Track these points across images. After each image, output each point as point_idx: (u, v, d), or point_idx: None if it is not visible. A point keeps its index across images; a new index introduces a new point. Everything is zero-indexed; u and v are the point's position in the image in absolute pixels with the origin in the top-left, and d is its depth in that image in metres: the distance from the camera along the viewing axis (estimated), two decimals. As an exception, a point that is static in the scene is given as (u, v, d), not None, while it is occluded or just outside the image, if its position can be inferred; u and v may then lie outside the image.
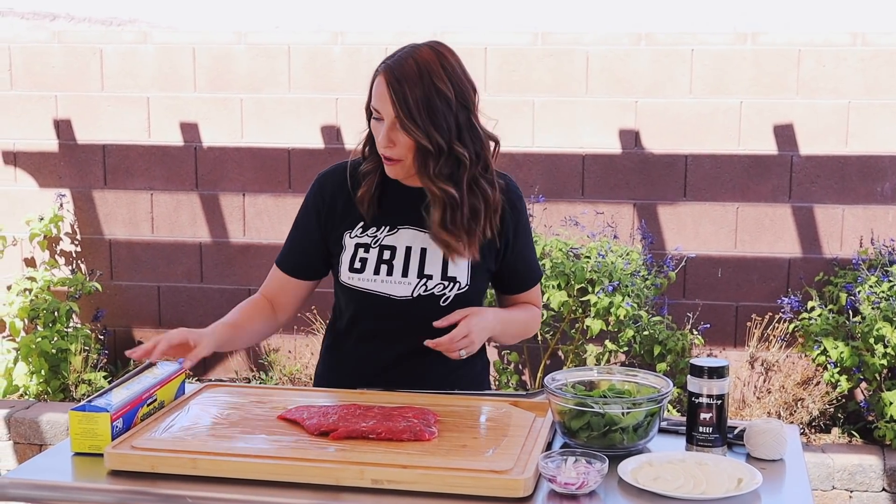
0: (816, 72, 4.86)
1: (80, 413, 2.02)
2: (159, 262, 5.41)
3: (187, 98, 5.27)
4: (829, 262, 4.92)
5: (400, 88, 2.19)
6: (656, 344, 4.59)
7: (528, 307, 2.56)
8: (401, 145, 2.24)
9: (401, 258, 2.36)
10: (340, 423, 2.04)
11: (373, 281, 2.37)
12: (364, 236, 2.40)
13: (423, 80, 2.19)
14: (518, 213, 2.45)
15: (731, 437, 2.10)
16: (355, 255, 2.39)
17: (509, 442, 2.00)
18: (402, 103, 2.19)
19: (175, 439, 2.00)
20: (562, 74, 5.00)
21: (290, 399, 2.27)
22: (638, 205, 5.03)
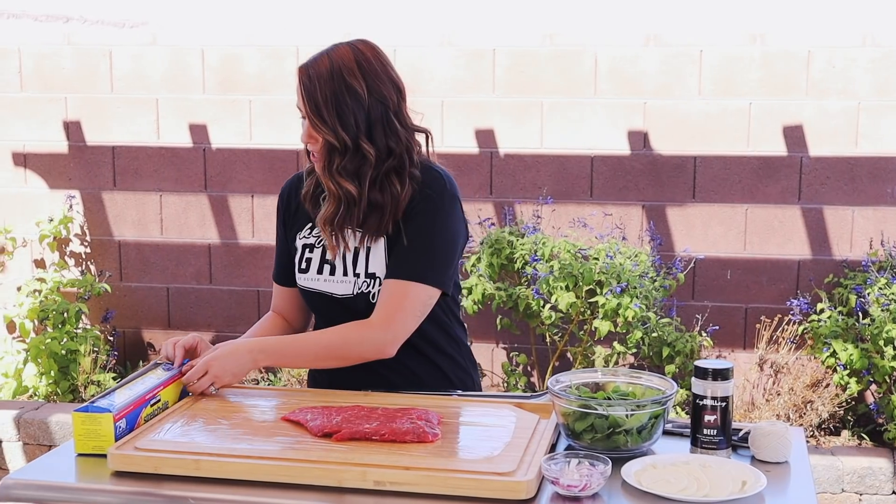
0: (826, 73, 4.84)
1: (83, 414, 2.02)
2: (168, 263, 5.42)
3: (196, 99, 5.28)
4: (838, 264, 4.90)
5: (310, 86, 2.26)
6: (665, 346, 4.57)
7: (344, 326, 2.35)
8: (316, 141, 2.31)
9: (340, 257, 2.39)
10: (344, 425, 2.03)
11: (316, 280, 2.43)
12: (310, 237, 2.46)
13: (333, 78, 2.25)
14: (428, 205, 2.34)
15: (736, 440, 2.09)
16: (302, 255, 2.46)
17: (513, 444, 1.99)
18: (311, 101, 2.26)
19: (178, 440, 2.00)
20: (570, 75, 4.99)
21: (294, 400, 2.27)
22: (647, 206, 5.02)
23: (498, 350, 5.15)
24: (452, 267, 2.41)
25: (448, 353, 2.51)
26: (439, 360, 2.48)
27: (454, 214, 2.38)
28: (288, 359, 2.44)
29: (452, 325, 2.52)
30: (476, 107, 5.07)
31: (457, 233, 2.40)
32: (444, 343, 2.50)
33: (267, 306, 2.71)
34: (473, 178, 5.08)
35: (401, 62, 5.02)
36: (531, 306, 4.63)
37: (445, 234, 2.35)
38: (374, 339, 2.31)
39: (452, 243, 2.38)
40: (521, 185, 5.08)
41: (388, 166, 2.32)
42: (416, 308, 2.33)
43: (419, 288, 2.32)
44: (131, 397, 2.08)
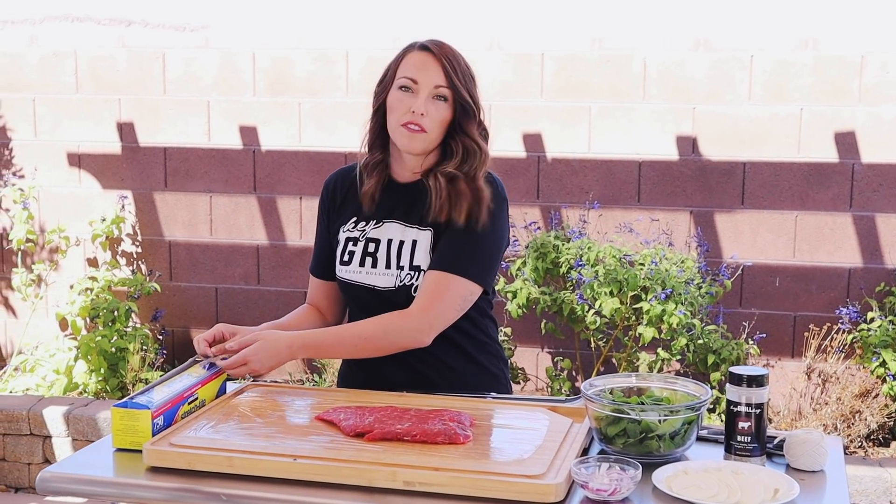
0: (880, 78, 4.77)
1: (121, 409, 2.05)
2: (217, 263, 5.48)
3: (247, 102, 5.34)
4: (890, 273, 4.83)
5: (450, 60, 2.36)
6: (710, 353, 4.53)
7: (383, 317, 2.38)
8: (431, 116, 2.36)
9: (384, 250, 2.44)
10: (376, 425, 2.04)
11: (358, 272, 2.47)
12: (354, 230, 2.50)
13: (461, 59, 2.41)
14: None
15: (771, 447, 2.07)
16: (345, 248, 2.50)
17: (544, 447, 1.99)
18: (453, 70, 2.35)
19: (212, 438, 2.02)
20: (619, 80, 4.97)
21: (329, 400, 2.28)
22: (694, 212, 4.98)
23: (543, 354, 5.14)
24: (495, 267, 2.45)
25: (484, 349, 2.53)
26: (475, 356, 2.50)
27: (502, 217, 2.44)
28: (326, 350, 2.44)
29: (486, 323, 2.54)
30: (524, 111, 5.07)
31: (502, 235, 2.45)
32: (481, 339, 2.52)
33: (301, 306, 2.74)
34: (520, 183, 5.08)
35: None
36: (575, 311, 4.62)
37: (493, 234, 2.40)
38: (412, 328, 2.34)
39: (498, 244, 2.44)
40: (568, 189, 5.06)
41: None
42: (456, 301, 2.36)
43: (462, 282, 2.36)
44: (170, 395, 2.11)
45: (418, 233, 2.43)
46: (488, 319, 2.56)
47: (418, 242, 2.42)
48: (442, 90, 2.35)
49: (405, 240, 2.43)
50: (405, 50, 2.42)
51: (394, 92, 2.39)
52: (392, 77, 2.41)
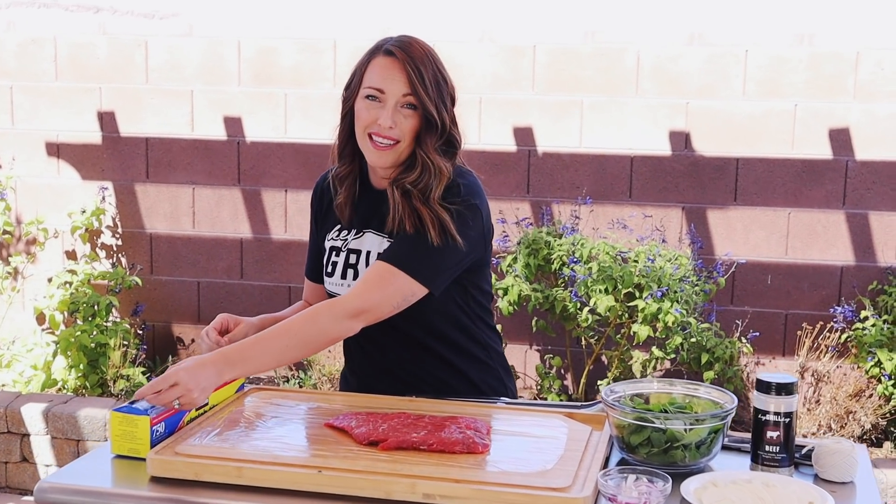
0: (875, 75, 4.73)
1: (120, 414, 1.96)
2: (200, 257, 5.37)
3: (231, 92, 5.22)
4: (883, 271, 4.79)
5: (414, 65, 2.23)
6: (704, 352, 4.48)
7: (311, 308, 2.22)
8: (401, 126, 2.25)
9: (363, 262, 2.36)
10: (390, 433, 1.96)
11: (340, 285, 2.39)
12: (337, 239, 2.42)
13: (433, 62, 2.26)
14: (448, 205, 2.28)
15: (798, 457, 2.01)
16: (329, 257, 2.43)
17: (566, 457, 1.92)
18: (419, 78, 2.22)
19: (219, 446, 1.93)
20: (612, 74, 4.90)
21: (337, 405, 2.20)
22: (687, 208, 4.92)
23: (531, 352, 5.06)
24: (448, 272, 2.27)
25: (477, 358, 2.44)
26: (467, 367, 2.41)
27: (471, 222, 2.27)
28: (257, 362, 2.14)
29: (481, 331, 2.45)
30: (514, 104, 4.99)
31: (471, 240, 2.27)
32: (473, 349, 2.43)
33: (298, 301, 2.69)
34: (510, 177, 5.00)
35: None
36: (568, 308, 4.54)
37: (457, 238, 2.23)
38: (341, 313, 2.16)
39: (460, 250, 2.25)
40: (559, 184, 4.99)
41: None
42: (395, 297, 2.20)
43: (407, 280, 2.20)
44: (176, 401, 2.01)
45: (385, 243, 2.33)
46: (484, 326, 2.45)
47: None
48: (409, 98, 2.23)
49: (378, 252, 2.33)
50: (371, 52, 2.29)
51: (361, 101, 2.27)
52: (358, 83, 2.29)
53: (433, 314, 2.32)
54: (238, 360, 2.09)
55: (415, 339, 2.35)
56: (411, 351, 2.37)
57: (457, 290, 2.33)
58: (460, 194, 2.27)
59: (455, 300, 2.34)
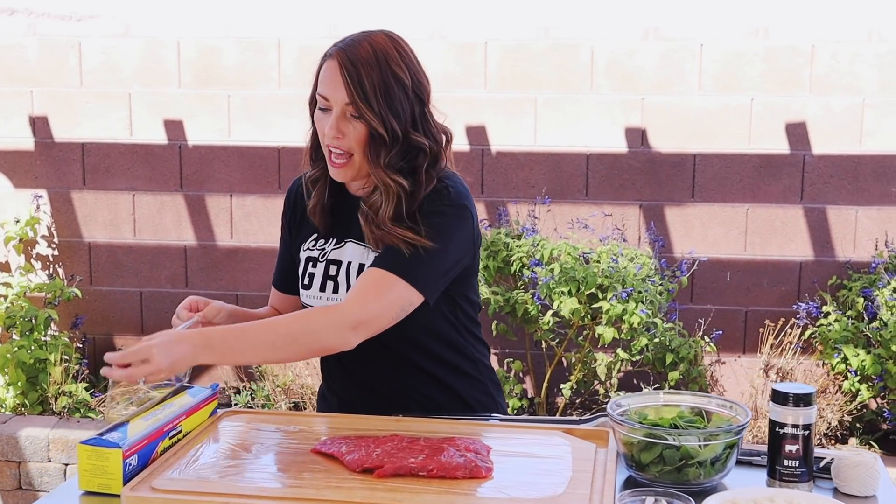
0: (830, 68, 4.69)
1: (89, 447, 1.79)
2: (142, 266, 5.15)
3: (171, 94, 5.02)
4: (841, 266, 4.75)
5: (355, 71, 2.03)
6: (668, 352, 4.39)
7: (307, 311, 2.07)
8: (350, 137, 2.07)
9: (344, 274, 2.19)
10: (386, 459, 1.82)
11: (318, 298, 2.22)
12: (314, 249, 2.26)
13: (379, 65, 2.05)
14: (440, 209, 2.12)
15: (816, 470, 1.90)
16: (305, 269, 2.26)
17: (576, 479, 1.79)
18: (358, 86, 2.02)
19: (199, 479, 1.77)
20: (566, 70, 4.80)
21: (320, 428, 2.05)
22: (644, 206, 4.84)
23: (491, 356, 4.93)
24: (442, 280, 2.13)
25: (465, 373, 2.30)
26: (454, 382, 2.27)
27: (459, 227, 2.13)
28: (237, 353, 2.03)
29: (468, 344, 2.31)
30: (467, 102, 4.86)
31: (460, 246, 2.15)
32: (460, 363, 2.29)
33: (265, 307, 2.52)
34: (464, 177, 4.83)
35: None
36: (529, 311, 4.43)
37: (449, 244, 2.10)
38: (341, 323, 1.99)
39: (453, 256, 2.13)
40: (514, 183, 4.87)
41: (427, 163, 2.12)
42: (394, 306, 2.04)
43: (406, 287, 2.04)
44: (147, 429, 1.84)
45: (370, 254, 2.16)
46: (471, 338, 2.31)
47: (366, 267, 2.14)
48: (351, 108, 2.05)
49: (364, 263, 2.16)
50: (324, 55, 2.11)
51: (316, 109, 2.12)
52: (314, 88, 2.13)
53: (419, 327, 2.17)
54: (219, 345, 1.94)
55: (399, 353, 2.20)
56: (396, 366, 2.22)
57: (444, 301, 2.18)
58: (449, 197, 2.12)
59: (442, 312, 2.20)
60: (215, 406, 2.10)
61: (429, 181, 2.12)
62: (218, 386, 2.12)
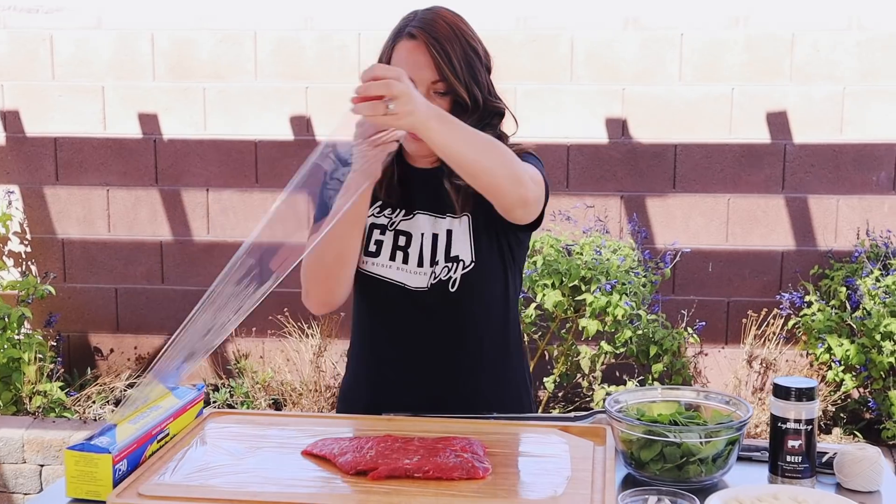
0: (811, 57, 4.67)
1: (77, 453, 1.72)
2: (117, 262, 5.07)
3: (146, 87, 4.94)
4: (823, 255, 4.74)
5: (441, 48, 2.03)
6: (652, 344, 4.36)
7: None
8: None
9: (416, 246, 2.16)
10: (380, 461, 1.76)
11: (387, 267, 2.17)
12: (381, 217, 2.20)
13: (458, 39, 2.07)
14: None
15: (819, 466, 1.87)
16: (370, 236, 2.19)
17: (576, 478, 1.74)
18: (448, 63, 2.03)
19: (188, 484, 1.71)
20: (546, 61, 4.75)
21: (310, 429, 1.99)
22: (625, 197, 4.80)
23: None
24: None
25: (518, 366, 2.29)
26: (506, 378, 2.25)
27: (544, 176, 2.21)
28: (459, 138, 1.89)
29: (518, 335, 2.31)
30: (446, 94, 4.80)
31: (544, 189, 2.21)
32: (514, 354, 2.28)
33: None
34: (444, 169, 4.82)
35: (365, 47, 4.74)
36: (512, 304, 4.38)
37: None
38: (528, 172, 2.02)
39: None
40: (494, 175, 4.82)
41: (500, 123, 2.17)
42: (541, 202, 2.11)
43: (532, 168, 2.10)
44: (135, 433, 1.78)
45: (451, 221, 2.15)
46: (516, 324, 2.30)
47: (454, 232, 2.14)
48: (440, 85, 2.04)
49: (438, 232, 2.15)
50: (395, 36, 2.08)
51: None
52: None
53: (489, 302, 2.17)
54: (449, 120, 1.87)
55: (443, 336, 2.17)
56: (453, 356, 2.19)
57: (511, 268, 2.20)
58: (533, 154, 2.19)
59: (505, 281, 2.20)
60: (202, 407, 2.05)
61: (504, 139, 2.16)
62: (203, 386, 2.06)
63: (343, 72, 4.79)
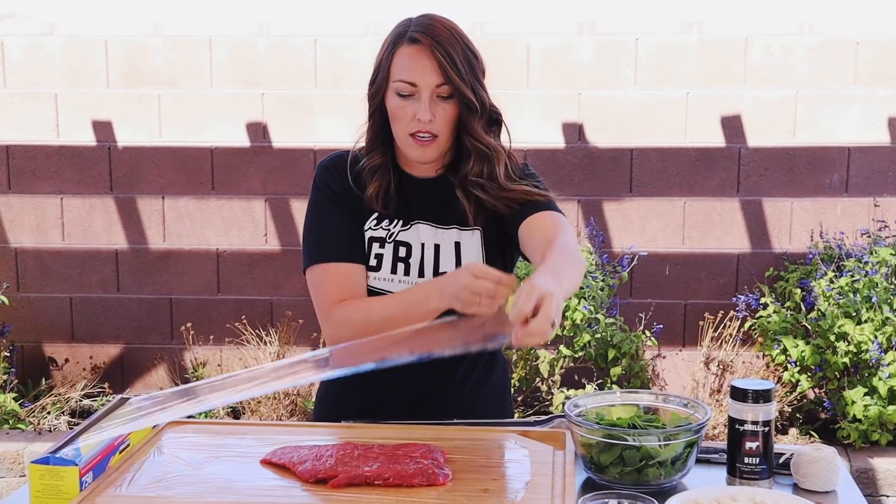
0: (764, 61, 4.72)
1: (42, 467, 1.70)
2: (71, 271, 5.02)
3: (99, 94, 4.89)
4: (778, 257, 4.79)
5: (444, 52, 2.05)
6: (610, 347, 4.38)
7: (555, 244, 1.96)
8: (439, 119, 2.07)
9: (417, 256, 2.15)
10: (339, 468, 1.76)
11: (389, 281, 2.15)
12: (378, 229, 2.17)
13: (459, 42, 2.09)
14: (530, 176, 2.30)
15: (776, 466, 1.89)
16: (370, 249, 2.16)
17: (535, 483, 1.75)
18: (452, 66, 2.05)
19: (145, 496, 1.70)
20: (502, 66, 4.76)
21: (269, 437, 1.98)
22: (582, 201, 4.83)
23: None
24: None
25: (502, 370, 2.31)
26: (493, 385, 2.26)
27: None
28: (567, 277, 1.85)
29: None
30: (403, 99, 4.80)
31: None
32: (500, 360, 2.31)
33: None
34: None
35: (322, 53, 4.73)
36: (470, 309, 4.38)
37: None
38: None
39: None
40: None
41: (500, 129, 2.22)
42: None
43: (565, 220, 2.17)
44: (100, 444, 1.76)
45: (460, 233, 2.15)
46: None
47: (463, 245, 2.14)
48: (444, 89, 2.05)
49: (441, 243, 2.14)
50: (394, 42, 2.08)
51: (392, 98, 2.07)
52: (385, 77, 2.07)
53: None
54: (558, 274, 1.81)
55: None
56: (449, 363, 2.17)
57: None
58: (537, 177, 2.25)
59: None
60: (159, 417, 2.02)
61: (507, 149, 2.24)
62: None
63: (299, 78, 4.77)
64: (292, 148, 4.85)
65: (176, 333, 4.89)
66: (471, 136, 2.11)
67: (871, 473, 4.13)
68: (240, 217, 4.88)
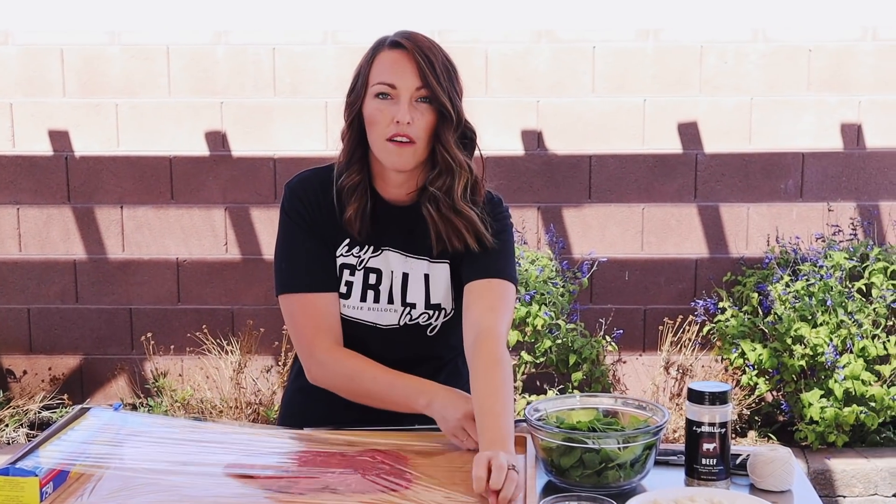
0: (718, 69, 4.78)
1: (2, 478, 1.68)
2: (29, 282, 4.97)
3: (56, 104, 4.86)
4: (735, 262, 4.85)
5: (425, 56, 2.05)
6: (571, 353, 4.41)
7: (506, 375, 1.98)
8: (417, 124, 2.05)
9: (387, 283, 2.14)
10: (302, 475, 1.76)
11: (359, 309, 2.15)
12: (349, 255, 2.15)
13: (439, 52, 2.10)
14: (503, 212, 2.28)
15: (732, 467, 1.91)
16: (341, 276, 2.15)
17: (497, 487, 1.76)
18: (431, 69, 2.05)
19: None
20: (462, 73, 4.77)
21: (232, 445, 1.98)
22: (542, 208, 4.86)
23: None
24: None
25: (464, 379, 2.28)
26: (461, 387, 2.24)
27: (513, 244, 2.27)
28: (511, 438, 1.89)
29: None
30: (362, 108, 4.80)
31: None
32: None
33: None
34: (362, 183, 4.82)
35: (280, 62, 4.73)
36: (431, 316, 4.40)
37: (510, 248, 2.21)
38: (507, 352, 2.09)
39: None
40: (412, 188, 4.84)
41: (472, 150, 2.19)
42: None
43: (512, 288, 2.16)
44: (61, 455, 1.75)
45: (430, 266, 2.14)
46: None
47: (432, 277, 2.14)
48: (423, 91, 2.04)
49: (409, 272, 2.13)
50: (374, 48, 2.09)
51: (370, 101, 2.05)
52: (364, 83, 2.06)
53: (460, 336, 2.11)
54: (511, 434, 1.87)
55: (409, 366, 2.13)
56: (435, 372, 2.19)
57: None
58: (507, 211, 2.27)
59: None
60: (117, 410, 2.02)
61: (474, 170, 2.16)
62: (121, 406, 2.03)
63: (258, 87, 4.77)
64: (252, 156, 4.84)
65: (136, 343, 4.87)
66: (442, 146, 2.08)
67: (827, 474, 4.19)
68: (199, 226, 4.86)
